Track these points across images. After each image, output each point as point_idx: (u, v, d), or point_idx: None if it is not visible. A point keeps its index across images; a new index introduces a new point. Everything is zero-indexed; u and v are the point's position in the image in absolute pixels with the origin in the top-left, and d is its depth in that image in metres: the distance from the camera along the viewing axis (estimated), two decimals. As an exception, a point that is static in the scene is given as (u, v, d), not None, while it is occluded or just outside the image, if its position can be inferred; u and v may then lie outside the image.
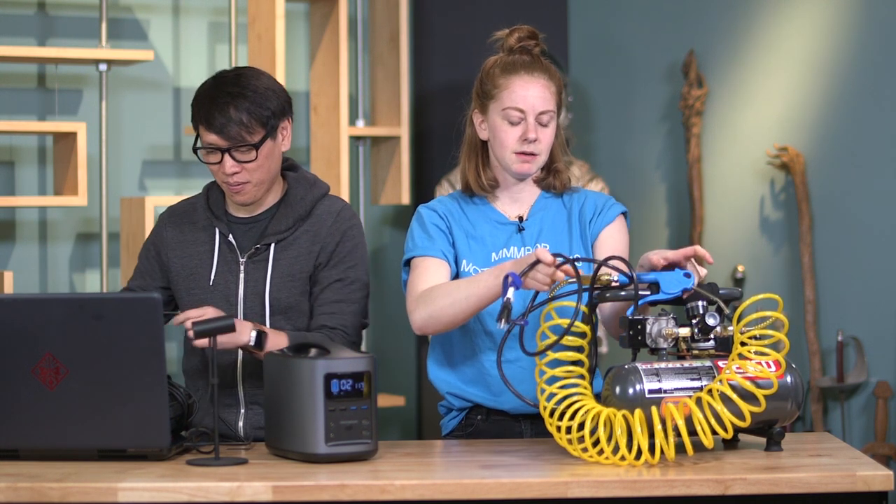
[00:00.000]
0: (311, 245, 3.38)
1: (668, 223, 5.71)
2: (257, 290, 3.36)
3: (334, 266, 3.37)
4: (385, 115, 5.61)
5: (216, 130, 3.30)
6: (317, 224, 3.39)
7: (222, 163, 3.31)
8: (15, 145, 5.20)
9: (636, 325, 2.89)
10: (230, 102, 3.29)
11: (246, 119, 3.29)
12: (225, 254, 3.40)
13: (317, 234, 3.38)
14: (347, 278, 3.37)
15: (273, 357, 2.95)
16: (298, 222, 3.39)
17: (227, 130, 3.29)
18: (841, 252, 5.13)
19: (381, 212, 5.86)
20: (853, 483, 2.71)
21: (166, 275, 3.45)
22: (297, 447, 2.86)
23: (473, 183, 3.30)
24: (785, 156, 5.22)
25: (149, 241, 3.51)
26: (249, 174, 3.33)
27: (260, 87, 3.33)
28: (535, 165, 3.22)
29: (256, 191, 3.36)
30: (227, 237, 3.40)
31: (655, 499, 2.68)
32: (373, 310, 5.81)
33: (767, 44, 5.35)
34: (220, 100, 3.30)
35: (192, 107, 3.37)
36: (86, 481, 2.72)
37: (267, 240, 3.37)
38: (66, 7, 5.28)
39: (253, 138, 3.31)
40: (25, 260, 5.18)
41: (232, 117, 3.28)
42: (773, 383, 2.85)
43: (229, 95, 3.30)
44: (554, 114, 3.23)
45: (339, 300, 3.36)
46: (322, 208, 3.42)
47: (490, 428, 3.22)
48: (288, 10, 5.52)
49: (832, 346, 5.13)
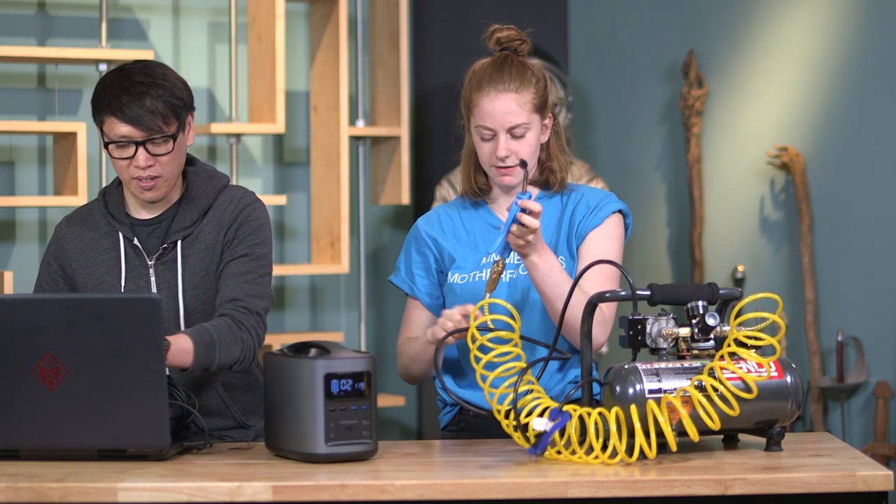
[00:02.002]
0: (217, 234, 3.31)
1: (668, 223, 5.72)
2: (171, 291, 3.30)
3: (239, 244, 3.30)
4: (385, 115, 5.61)
5: (131, 121, 3.20)
6: (220, 213, 3.33)
7: (136, 156, 3.22)
8: (15, 145, 5.20)
9: (636, 325, 2.90)
10: (146, 92, 3.20)
11: (162, 108, 3.21)
12: (132, 259, 3.32)
13: (220, 222, 3.32)
14: (253, 254, 3.30)
15: (273, 357, 2.95)
16: (202, 215, 3.33)
17: (143, 121, 3.20)
18: (841, 252, 5.13)
19: (381, 212, 5.86)
20: (853, 483, 2.71)
21: (72, 287, 3.35)
22: (297, 447, 2.86)
23: (468, 188, 3.32)
24: (785, 156, 5.22)
25: (48, 255, 3.40)
26: (162, 168, 3.25)
27: (170, 77, 3.26)
28: (515, 176, 3.22)
29: (167, 186, 3.29)
30: (131, 241, 3.32)
31: (655, 499, 2.68)
32: (373, 310, 5.81)
33: (767, 44, 5.35)
34: (135, 90, 3.20)
35: (94, 100, 3.26)
36: (86, 481, 2.72)
37: (173, 238, 3.30)
38: (66, 7, 5.28)
39: (170, 129, 3.23)
40: (25, 260, 5.18)
41: (148, 107, 3.19)
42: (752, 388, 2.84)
43: (143, 85, 3.21)
44: (527, 124, 3.20)
45: (245, 272, 3.28)
46: (223, 198, 3.35)
47: (482, 423, 3.22)
48: (288, 10, 5.52)
49: (832, 346, 5.13)
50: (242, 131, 5.26)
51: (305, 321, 5.71)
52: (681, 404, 2.79)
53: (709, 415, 2.80)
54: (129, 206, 3.35)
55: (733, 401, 2.81)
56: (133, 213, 3.35)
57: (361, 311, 5.66)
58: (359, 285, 5.67)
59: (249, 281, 3.28)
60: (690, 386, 2.82)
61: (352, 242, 5.68)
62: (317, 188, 5.49)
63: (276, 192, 5.60)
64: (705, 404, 2.80)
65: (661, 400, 2.81)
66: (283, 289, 5.67)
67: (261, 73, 5.29)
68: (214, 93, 5.50)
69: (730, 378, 2.84)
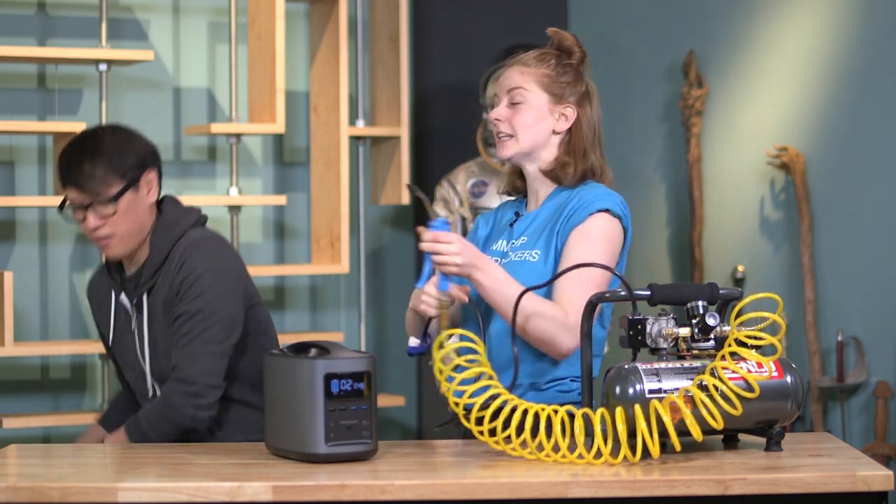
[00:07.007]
0: (169, 291, 3.40)
1: (668, 223, 5.72)
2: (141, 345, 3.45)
3: (180, 301, 3.38)
4: (385, 115, 5.61)
5: (74, 185, 3.36)
6: (170, 267, 3.41)
7: (86, 220, 3.38)
8: (15, 145, 5.20)
9: (636, 325, 2.90)
10: (85, 159, 3.35)
11: (101, 173, 3.34)
12: (120, 314, 3.49)
13: (170, 277, 3.41)
14: (191, 311, 3.36)
15: (273, 357, 2.95)
16: (158, 268, 3.42)
17: (84, 185, 3.35)
18: (841, 252, 5.13)
19: (380, 212, 5.86)
20: (853, 483, 2.71)
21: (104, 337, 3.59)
22: (297, 447, 2.87)
23: (508, 187, 3.37)
24: (785, 156, 5.22)
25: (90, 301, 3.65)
26: (113, 227, 3.38)
27: (116, 141, 3.39)
28: (509, 148, 3.23)
29: (125, 244, 3.40)
30: (119, 297, 3.48)
31: (655, 499, 2.68)
32: (373, 310, 5.81)
33: (767, 44, 5.35)
34: (75, 157, 3.36)
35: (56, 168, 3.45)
36: (86, 481, 2.72)
37: (138, 292, 3.43)
38: (66, 7, 5.28)
39: (110, 191, 3.35)
40: (25, 260, 5.18)
41: (85, 172, 3.34)
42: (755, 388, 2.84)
43: (83, 152, 3.36)
44: (525, 91, 3.22)
45: (185, 333, 3.36)
46: (175, 250, 3.42)
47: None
48: (288, 10, 5.52)
49: (832, 346, 5.13)
50: (242, 131, 5.26)
51: (305, 321, 5.71)
52: (683, 404, 2.79)
53: (712, 414, 2.80)
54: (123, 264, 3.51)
55: (736, 400, 2.81)
56: (126, 269, 3.51)
57: (361, 311, 5.65)
58: (359, 285, 5.67)
59: (188, 343, 3.35)
60: (693, 385, 2.82)
61: (352, 242, 5.68)
62: (317, 188, 5.49)
63: (276, 192, 5.60)
64: (708, 404, 2.80)
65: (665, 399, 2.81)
66: (283, 289, 5.67)
67: (261, 73, 5.29)
68: (214, 93, 5.50)
69: (731, 378, 2.84)
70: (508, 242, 3.26)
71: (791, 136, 5.26)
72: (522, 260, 3.18)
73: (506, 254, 3.24)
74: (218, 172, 5.50)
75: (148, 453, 3.09)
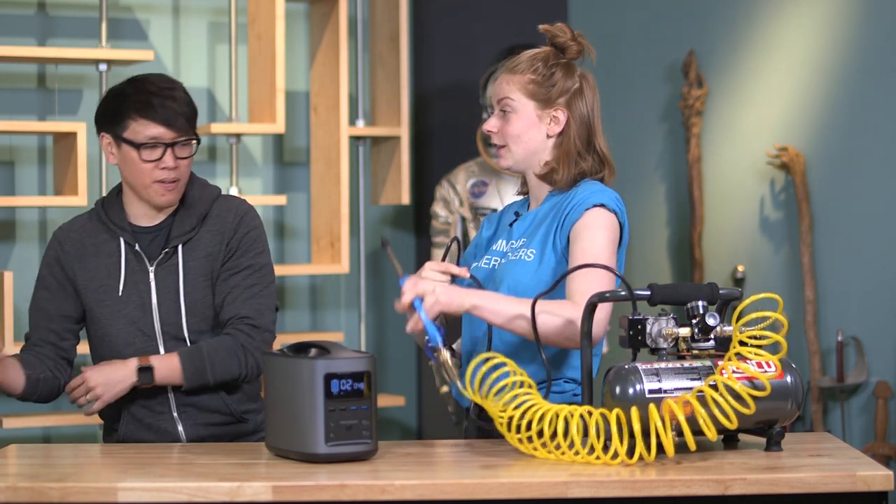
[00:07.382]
0: (219, 244, 3.39)
1: (668, 223, 5.72)
2: (171, 294, 3.37)
3: (242, 255, 3.39)
4: (385, 115, 5.61)
5: (164, 122, 3.30)
6: (219, 222, 3.41)
7: (163, 158, 3.32)
8: (15, 145, 5.20)
9: (636, 325, 2.90)
10: (173, 96, 3.32)
11: (188, 112, 3.33)
12: (132, 264, 3.39)
13: (221, 231, 3.40)
14: (257, 265, 3.40)
15: (273, 357, 2.95)
16: (200, 222, 3.40)
17: (174, 122, 3.30)
18: (841, 252, 5.13)
19: (381, 212, 5.86)
20: (853, 483, 2.71)
21: (74, 287, 3.42)
22: (297, 447, 2.86)
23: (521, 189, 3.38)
24: (785, 156, 5.22)
25: (48, 257, 3.46)
26: (181, 172, 3.35)
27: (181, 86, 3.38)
28: (505, 158, 3.26)
29: (181, 190, 3.38)
30: (133, 247, 3.40)
31: (655, 499, 2.68)
32: (373, 310, 5.81)
33: (767, 44, 5.35)
34: (162, 93, 3.31)
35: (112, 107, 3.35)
36: (86, 481, 2.72)
37: (173, 243, 3.38)
38: (66, 7, 5.28)
39: (194, 132, 3.35)
40: (25, 260, 5.18)
41: (177, 109, 3.30)
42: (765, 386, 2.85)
43: (169, 90, 3.33)
44: (512, 101, 3.23)
45: (252, 285, 3.39)
46: (220, 207, 3.43)
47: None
48: (288, 10, 5.52)
49: (832, 346, 5.13)
50: (242, 131, 5.27)
51: (305, 321, 5.71)
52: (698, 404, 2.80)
53: (725, 414, 2.80)
54: (129, 215, 3.42)
55: (750, 400, 2.82)
56: (133, 221, 3.42)
57: (361, 311, 5.66)
58: (359, 285, 5.67)
59: (257, 294, 3.39)
60: (705, 385, 2.82)
61: (352, 242, 5.68)
62: (317, 188, 5.49)
63: (276, 192, 5.60)
64: (722, 403, 2.80)
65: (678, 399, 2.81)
66: (283, 289, 5.67)
67: (261, 73, 5.30)
68: (214, 93, 5.50)
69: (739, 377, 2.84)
70: (508, 242, 3.27)
71: (791, 136, 5.26)
72: (518, 259, 3.19)
73: (505, 254, 3.25)
74: (218, 172, 5.50)
75: (148, 453, 3.09)
